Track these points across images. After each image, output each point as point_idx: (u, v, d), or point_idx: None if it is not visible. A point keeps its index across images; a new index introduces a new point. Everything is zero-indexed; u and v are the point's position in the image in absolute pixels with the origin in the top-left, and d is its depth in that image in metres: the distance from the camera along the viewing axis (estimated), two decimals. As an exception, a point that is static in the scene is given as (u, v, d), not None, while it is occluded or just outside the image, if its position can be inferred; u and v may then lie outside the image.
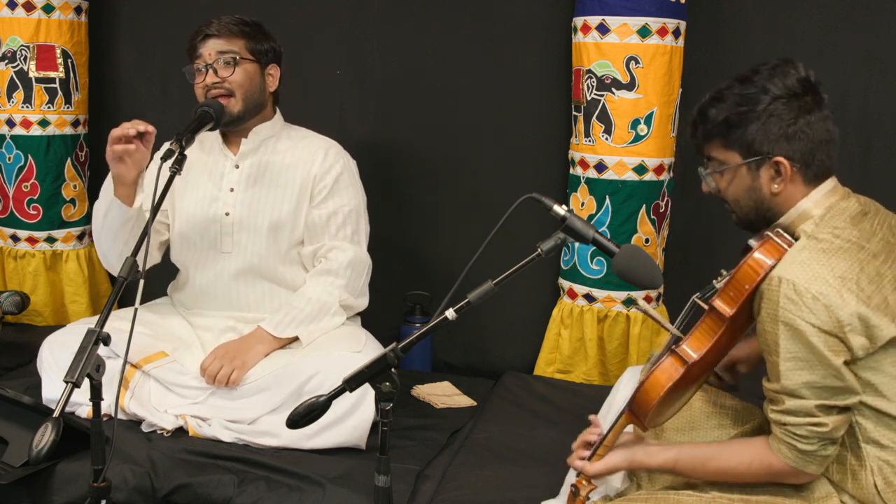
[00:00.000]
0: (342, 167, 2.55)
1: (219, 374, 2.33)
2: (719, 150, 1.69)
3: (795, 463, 1.59)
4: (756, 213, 1.71)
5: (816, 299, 1.53)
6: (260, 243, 2.51)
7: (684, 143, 2.91)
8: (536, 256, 1.63)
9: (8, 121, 3.20)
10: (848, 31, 2.81)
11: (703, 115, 1.69)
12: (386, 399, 1.58)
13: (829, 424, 1.56)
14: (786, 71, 1.64)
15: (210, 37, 2.44)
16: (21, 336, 3.08)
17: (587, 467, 1.74)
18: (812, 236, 1.61)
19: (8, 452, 2.20)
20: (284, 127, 2.61)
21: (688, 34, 2.80)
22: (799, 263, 1.56)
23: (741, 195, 1.70)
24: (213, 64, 2.42)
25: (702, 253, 3.05)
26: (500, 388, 2.82)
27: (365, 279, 2.57)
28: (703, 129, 1.70)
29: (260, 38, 2.50)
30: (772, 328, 1.57)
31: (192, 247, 2.56)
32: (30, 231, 3.28)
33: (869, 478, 1.61)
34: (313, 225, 2.53)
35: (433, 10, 3.13)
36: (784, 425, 1.59)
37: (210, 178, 2.54)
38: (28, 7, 3.12)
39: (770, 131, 1.63)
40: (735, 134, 1.65)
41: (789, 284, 1.54)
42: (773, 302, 1.56)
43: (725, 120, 1.65)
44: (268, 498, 2.10)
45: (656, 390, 1.66)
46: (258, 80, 2.49)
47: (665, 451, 1.72)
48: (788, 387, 1.57)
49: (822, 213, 1.64)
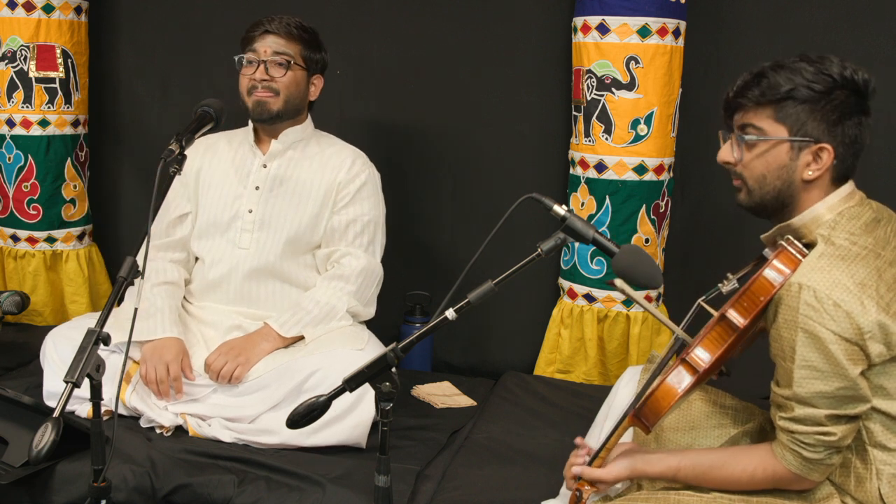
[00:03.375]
0: (367, 177, 2.58)
1: (223, 369, 2.34)
2: (764, 120, 1.63)
3: (799, 470, 1.58)
4: (778, 194, 1.65)
5: (838, 306, 1.50)
6: (278, 244, 2.53)
7: (684, 143, 2.91)
8: (536, 256, 1.63)
9: (8, 121, 3.20)
10: (848, 30, 2.81)
11: (765, 79, 1.61)
12: (386, 399, 1.58)
13: (838, 434, 1.54)
14: (855, 69, 1.61)
15: (270, 33, 2.48)
16: (21, 336, 3.08)
17: (586, 472, 1.73)
18: (829, 241, 1.58)
19: (8, 452, 2.20)
20: (315, 133, 2.65)
21: (688, 34, 2.80)
22: (819, 270, 1.54)
23: (770, 172, 1.64)
24: (267, 61, 2.47)
25: (702, 253, 3.05)
26: (500, 388, 2.82)
27: (375, 289, 2.59)
28: (757, 93, 1.62)
29: (315, 47, 2.56)
30: (789, 334, 1.55)
31: (211, 239, 2.57)
32: (30, 231, 3.28)
33: (874, 481, 1.59)
34: (332, 230, 2.56)
35: (433, 10, 3.13)
36: (792, 433, 1.57)
37: (237, 174, 2.57)
38: (28, 7, 3.12)
39: (827, 116, 1.59)
40: (792, 107, 1.60)
41: (810, 291, 1.52)
42: (793, 308, 1.53)
43: (791, 91, 1.59)
44: (268, 498, 2.10)
45: (668, 399, 1.64)
46: (303, 87, 2.54)
47: (666, 459, 1.71)
48: (800, 395, 1.55)
49: (834, 218, 1.62)
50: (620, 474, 1.72)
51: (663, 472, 1.70)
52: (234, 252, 2.54)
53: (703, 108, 2.92)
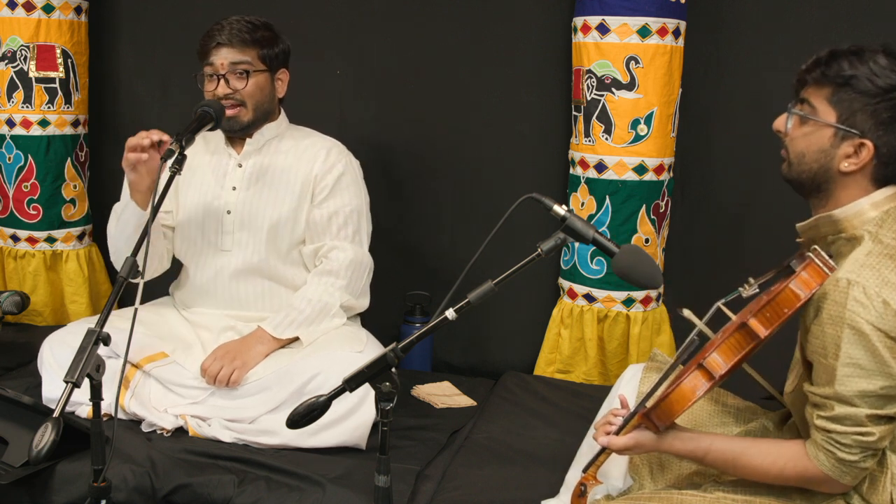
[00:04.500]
0: (344, 167, 2.56)
1: (219, 374, 2.33)
2: (820, 100, 1.61)
3: (831, 471, 1.54)
4: (813, 177, 1.64)
5: (887, 304, 1.49)
6: (260, 242, 2.52)
7: (684, 143, 2.91)
8: (536, 256, 1.62)
9: (8, 121, 3.20)
10: (848, 30, 2.80)
11: (835, 61, 1.59)
12: (386, 399, 1.58)
13: (876, 434, 1.52)
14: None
15: (222, 45, 2.42)
16: (21, 336, 3.08)
17: (613, 441, 1.69)
18: (878, 239, 1.56)
19: (8, 452, 2.20)
20: (289, 127, 2.63)
21: (688, 34, 2.80)
22: (868, 267, 1.52)
23: (810, 152, 1.63)
24: (226, 75, 2.43)
25: (702, 253, 3.05)
26: (500, 388, 2.82)
27: (366, 280, 2.57)
28: (822, 71, 1.60)
29: (271, 43, 2.49)
30: (834, 330, 1.52)
31: (193, 244, 2.56)
32: (30, 231, 3.28)
33: (887, 486, 1.57)
34: (314, 224, 2.54)
35: (433, 10, 3.13)
36: (829, 432, 1.54)
37: (213, 176, 2.55)
38: (28, 7, 3.12)
39: (878, 114, 1.57)
40: (847, 94, 1.58)
41: (859, 287, 1.50)
42: (840, 304, 1.51)
43: (851, 77, 1.57)
44: (268, 498, 2.10)
45: (682, 403, 1.62)
46: (268, 89, 2.51)
47: (697, 439, 1.67)
48: (842, 393, 1.52)
49: (880, 215, 1.60)
50: (646, 444, 1.69)
51: (693, 450, 1.67)
52: (217, 255, 2.53)
53: (703, 108, 2.92)
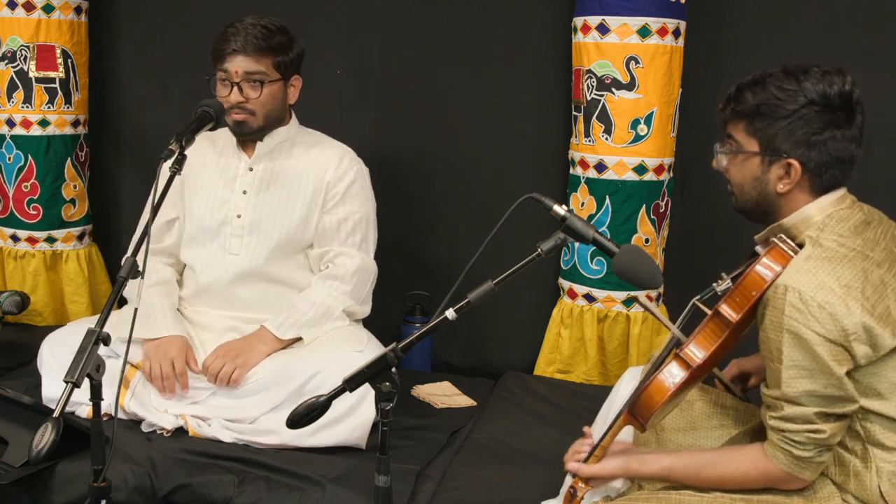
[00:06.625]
0: (355, 174, 2.56)
1: (220, 372, 2.34)
2: (741, 133, 1.68)
3: (790, 468, 1.60)
4: (756, 204, 1.71)
5: (822, 308, 1.52)
6: (269, 247, 2.51)
7: (684, 143, 2.91)
8: (536, 256, 1.63)
9: (8, 121, 3.20)
10: (848, 30, 2.81)
11: (740, 95, 1.67)
12: (386, 399, 1.58)
13: (827, 431, 1.56)
14: (831, 80, 1.61)
15: (238, 53, 2.38)
16: (21, 336, 3.08)
17: (582, 469, 1.75)
18: (817, 243, 1.60)
19: (8, 452, 2.20)
20: (300, 131, 2.61)
21: (688, 34, 2.80)
22: (805, 272, 1.56)
23: (747, 183, 1.70)
24: (240, 83, 2.39)
25: (702, 253, 3.05)
26: (500, 388, 2.82)
27: (370, 287, 2.58)
28: (733, 107, 1.68)
29: (287, 48, 2.46)
30: (776, 336, 1.57)
31: (201, 246, 2.55)
32: (30, 231, 3.28)
33: (873, 479, 1.60)
34: (323, 230, 2.54)
35: (433, 10, 3.13)
36: (782, 431, 1.59)
37: (222, 179, 2.54)
38: (28, 7, 3.12)
39: (794, 133, 1.62)
40: (761, 123, 1.64)
41: (795, 293, 1.54)
42: (779, 310, 1.56)
43: (757, 107, 1.64)
44: (268, 498, 2.10)
45: (661, 394, 1.66)
46: (280, 97, 2.48)
47: (660, 460, 1.73)
48: (789, 394, 1.57)
49: (824, 219, 1.63)
50: (614, 471, 1.74)
51: (657, 472, 1.72)
52: (224, 258, 2.52)
53: (703, 108, 2.92)
